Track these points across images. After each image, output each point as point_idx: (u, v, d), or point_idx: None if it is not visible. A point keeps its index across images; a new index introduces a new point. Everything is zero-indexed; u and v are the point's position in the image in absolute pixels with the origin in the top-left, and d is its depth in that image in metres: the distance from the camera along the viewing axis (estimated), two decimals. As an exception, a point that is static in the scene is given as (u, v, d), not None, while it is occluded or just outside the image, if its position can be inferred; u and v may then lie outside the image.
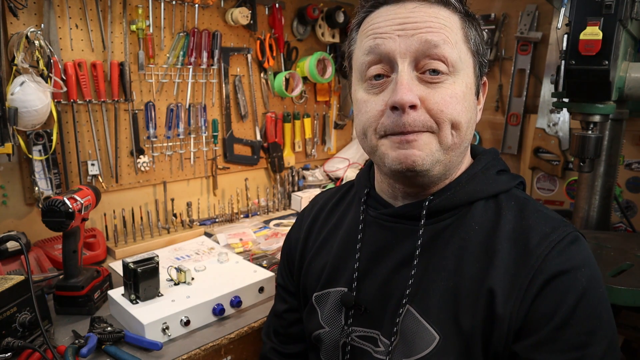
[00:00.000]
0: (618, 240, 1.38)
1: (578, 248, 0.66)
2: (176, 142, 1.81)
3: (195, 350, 1.05)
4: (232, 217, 1.91)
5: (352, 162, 2.33)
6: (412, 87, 0.66)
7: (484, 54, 0.73)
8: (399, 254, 0.75)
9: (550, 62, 2.01)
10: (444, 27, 0.66)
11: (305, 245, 0.91)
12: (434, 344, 0.67)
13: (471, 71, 0.70)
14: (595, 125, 1.21)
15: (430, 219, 0.73)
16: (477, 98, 0.74)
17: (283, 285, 0.97)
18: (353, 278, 0.78)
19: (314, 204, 0.98)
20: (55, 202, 1.11)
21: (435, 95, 0.66)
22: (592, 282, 0.64)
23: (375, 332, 0.75)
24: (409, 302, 0.70)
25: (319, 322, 0.82)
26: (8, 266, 1.34)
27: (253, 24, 1.94)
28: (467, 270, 0.68)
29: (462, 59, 0.68)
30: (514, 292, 0.64)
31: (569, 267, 0.63)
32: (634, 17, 1.12)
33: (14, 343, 0.95)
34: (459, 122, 0.67)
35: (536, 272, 0.64)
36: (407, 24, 0.66)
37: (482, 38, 0.72)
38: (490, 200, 0.73)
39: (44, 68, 1.35)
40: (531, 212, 0.71)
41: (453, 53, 0.66)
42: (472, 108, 0.70)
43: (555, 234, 0.66)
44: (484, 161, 0.77)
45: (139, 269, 1.11)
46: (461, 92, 0.67)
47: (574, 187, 1.97)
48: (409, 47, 0.66)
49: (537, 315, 0.63)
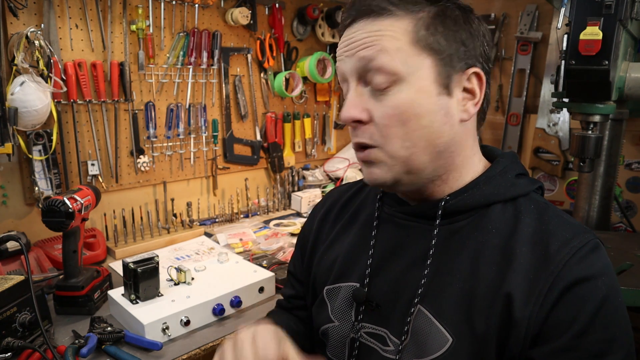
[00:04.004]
0: (618, 240, 1.38)
1: (598, 256, 0.66)
2: (176, 142, 1.81)
3: (195, 350, 1.05)
4: (232, 217, 1.91)
5: (352, 162, 2.33)
6: (358, 103, 0.68)
7: (458, 44, 0.68)
8: (412, 252, 0.75)
9: (550, 62, 2.01)
10: (382, 37, 0.66)
11: (318, 237, 0.92)
12: (447, 346, 0.67)
13: (427, 72, 0.67)
14: (595, 125, 1.21)
15: (445, 219, 0.73)
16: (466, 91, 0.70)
17: (293, 273, 0.99)
18: (365, 274, 0.78)
19: (328, 197, 0.98)
20: (55, 202, 1.11)
21: (380, 109, 0.67)
22: (612, 291, 0.64)
23: (383, 330, 0.75)
24: (420, 302, 0.70)
25: (329, 315, 0.82)
26: (8, 266, 1.34)
27: (253, 24, 1.94)
28: (484, 273, 0.67)
29: (410, 63, 0.66)
30: (533, 297, 0.63)
31: (589, 275, 0.63)
32: (634, 17, 1.12)
33: (14, 343, 0.95)
34: (405, 132, 0.67)
35: (556, 278, 0.63)
36: (351, 44, 0.69)
37: (455, 29, 0.68)
38: (509, 203, 0.72)
39: (44, 68, 1.35)
40: (551, 217, 0.70)
41: (391, 61, 0.66)
42: (432, 112, 0.67)
43: (576, 240, 0.66)
44: (503, 164, 0.76)
45: (139, 269, 1.11)
46: (408, 99, 0.66)
47: (574, 187, 1.98)
48: (353, 66, 0.69)
49: (556, 321, 0.62)
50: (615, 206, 1.71)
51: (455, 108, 0.70)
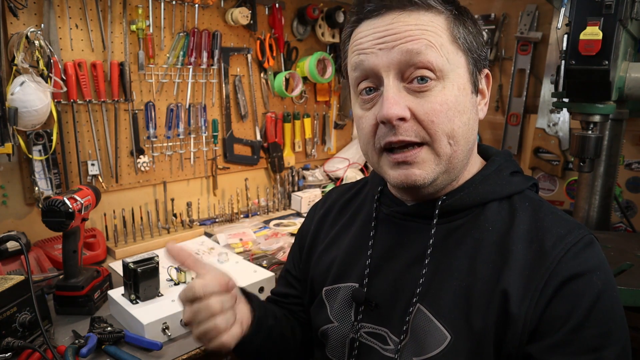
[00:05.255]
0: (618, 240, 1.38)
1: (593, 251, 0.67)
2: (176, 142, 1.81)
3: (195, 350, 1.05)
4: (232, 217, 1.91)
5: (352, 162, 2.33)
6: (399, 99, 0.65)
7: (480, 47, 0.71)
8: (410, 252, 0.75)
9: (550, 62, 2.01)
10: (426, 32, 0.65)
11: (316, 237, 0.92)
12: (445, 343, 0.67)
13: (464, 70, 0.69)
14: (595, 125, 1.21)
15: (442, 219, 0.73)
16: (478, 94, 0.73)
17: (289, 271, 0.98)
18: (364, 274, 0.78)
19: (328, 197, 0.98)
20: (55, 202, 1.11)
21: (425, 105, 0.65)
22: (607, 286, 0.64)
23: (383, 329, 0.75)
24: (420, 301, 0.70)
25: (328, 316, 0.82)
26: (8, 266, 1.34)
27: (253, 24, 1.94)
28: (481, 270, 0.68)
29: (451, 61, 0.67)
30: (529, 293, 0.64)
31: (584, 270, 0.64)
32: (634, 17, 1.12)
33: (14, 343, 0.95)
34: (452, 129, 0.66)
35: (551, 274, 0.64)
36: (387, 36, 0.66)
37: (477, 32, 0.71)
38: (504, 201, 0.73)
39: (44, 68, 1.35)
40: (546, 213, 0.71)
41: (438, 57, 0.65)
42: (469, 109, 0.69)
43: (570, 236, 0.66)
44: (497, 162, 0.76)
45: (139, 269, 1.11)
46: (452, 96, 0.66)
47: (574, 187, 1.98)
48: (391, 59, 0.65)
49: (552, 317, 0.63)
50: (615, 206, 1.71)
51: (477, 107, 0.72)
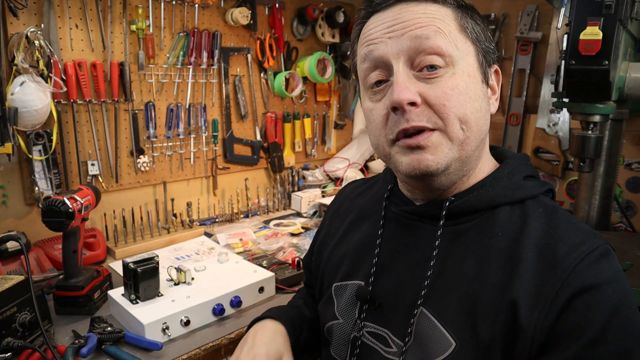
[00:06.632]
0: (618, 240, 1.38)
1: (609, 262, 0.63)
2: (176, 142, 1.81)
3: (195, 350, 1.05)
4: (232, 217, 1.91)
5: (352, 162, 2.33)
6: (409, 85, 0.65)
7: (488, 41, 0.71)
8: (416, 253, 0.73)
9: (550, 62, 2.01)
10: (434, 19, 0.66)
11: (328, 232, 0.93)
12: (449, 350, 0.65)
13: (473, 59, 0.69)
14: (595, 125, 1.21)
15: (450, 221, 0.71)
16: (489, 87, 0.72)
17: (306, 263, 1.03)
18: (370, 272, 0.77)
19: (341, 192, 0.99)
20: (55, 202, 1.11)
21: (435, 89, 0.65)
22: (625, 299, 0.61)
23: (385, 330, 0.74)
24: (423, 304, 0.69)
25: (334, 313, 0.82)
26: (8, 266, 1.34)
27: (253, 24, 1.94)
28: (488, 277, 0.65)
29: (460, 48, 0.67)
30: (539, 303, 0.61)
31: (599, 282, 0.60)
32: (634, 17, 1.12)
33: (14, 343, 0.95)
34: (464, 113, 0.65)
35: (563, 284, 0.60)
36: (396, 25, 0.66)
37: (484, 26, 0.71)
38: (516, 206, 0.70)
39: (44, 68, 1.35)
40: (560, 221, 0.67)
41: (447, 42, 0.65)
42: (480, 97, 0.68)
43: (585, 245, 0.63)
44: (511, 165, 0.74)
45: (139, 269, 1.11)
46: (463, 82, 0.66)
47: (574, 187, 1.98)
48: (401, 46, 0.66)
49: (563, 330, 0.59)
50: (615, 206, 1.71)
51: (489, 100, 0.72)
